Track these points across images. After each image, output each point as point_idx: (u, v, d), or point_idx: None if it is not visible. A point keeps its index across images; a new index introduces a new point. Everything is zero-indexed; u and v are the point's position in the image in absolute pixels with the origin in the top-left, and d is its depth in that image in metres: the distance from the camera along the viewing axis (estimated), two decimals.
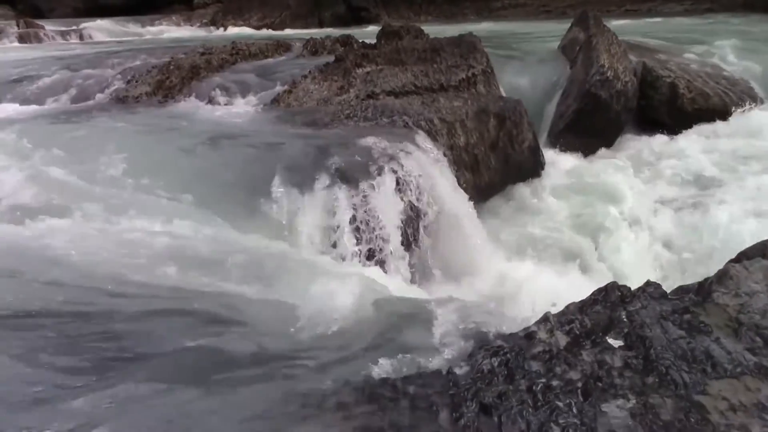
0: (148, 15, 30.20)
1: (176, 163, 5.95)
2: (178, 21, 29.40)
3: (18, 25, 22.14)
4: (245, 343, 3.26)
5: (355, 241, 5.39)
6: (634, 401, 2.35)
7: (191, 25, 28.51)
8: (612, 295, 3.00)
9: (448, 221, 5.94)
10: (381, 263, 5.45)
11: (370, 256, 5.43)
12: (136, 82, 9.12)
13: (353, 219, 5.40)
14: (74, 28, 22.65)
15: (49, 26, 22.52)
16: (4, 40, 18.76)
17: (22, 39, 19.37)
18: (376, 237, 5.47)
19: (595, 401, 2.36)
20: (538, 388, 2.45)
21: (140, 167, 5.74)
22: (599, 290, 3.07)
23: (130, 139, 6.44)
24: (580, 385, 2.45)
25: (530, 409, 2.37)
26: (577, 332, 2.78)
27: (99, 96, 9.11)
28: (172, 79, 9.01)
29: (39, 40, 19.82)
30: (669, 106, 9.57)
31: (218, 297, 3.77)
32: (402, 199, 5.69)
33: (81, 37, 21.48)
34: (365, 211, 5.47)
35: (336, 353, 3.15)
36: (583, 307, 2.98)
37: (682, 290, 2.98)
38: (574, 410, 2.33)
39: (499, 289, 5.83)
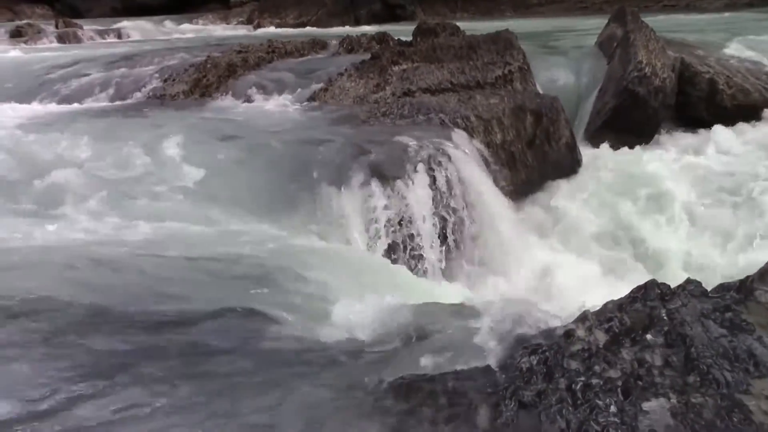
0: (185, 14, 30.42)
1: (213, 160, 5.99)
2: (214, 20, 29.59)
3: (57, 25, 22.35)
4: (282, 341, 3.28)
5: (391, 237, 5.40)
6: (675, 400, 2.32)
7: (228, 24, 28.67)
8: (651, 293, 2.96)
9: (484, 218, 5.93)
10: (417, 260, 5.45)
11: (406, 252, 5.44)
12: (174, 80, 9.18)
13: (389, 216, 5.41)
14: (112, 27, 22.80)
15: (87, 26, 22.70)
16: (43, 40, 18.93)
17: (60, 39, 19.52)
18: (412, 234, 5.47)
19: (636, 400, 2.34)
20: (578, 386, 2.43)
21: (177, 165, 5.79)
22: (638, 288, 3.04)
23: (168, 138, 6.48)
24: (620, 383, 2.42)
25: (570, 408, 2.35)
26: (617, 330, 2.75)
27: (137, 95, 9.19)
28: (209, 77, 9.07)
29: (77, 39, 19.96)
30: (708, 102, 9.47)
31: (255, 294, 3.78)
32: (438, 196, 5.68)
33: (119, 37, 21.61)
34: (401, 208, 5.47)
35: (373, 351, 3.15)
36: (622, 305, 2.95)
37: (723, 288, 2.94)
38: (614, 409, 2.31)
39: (536, 287, 5.82)
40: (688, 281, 3.00)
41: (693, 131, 9.28)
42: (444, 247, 5.64)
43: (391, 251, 5.39)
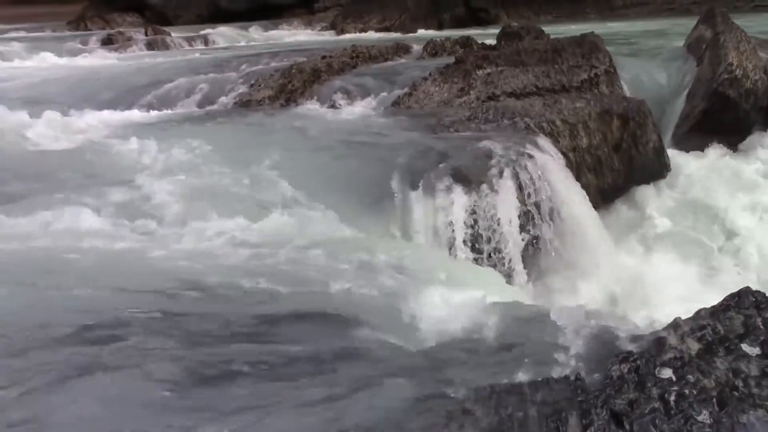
0: (269, 20, 30.76)
1: (297, 165, 6.04)
2: (298, 25, 29.85)
3: (146, 33, 22.86)
4: (365, 346, 3.28)
5: (474, 243, 5.38)
6: None
7: (312, 30, 28.88)
8: (746, 301, 2.89)
9: (569, 224, 5.86)
10: (501, 266, 5.41)
11: (490, 258, 5.40)
12: (259, 86, 9.29)
13: (473, 221, 5.39)
14: (199, 34, 23.20)
15: (175, 33, 23.13)
16: (133, 48, 19.37)
17: (150, 46, 19.93)
18: (496, 240, 5.44)
19: (732, 411, 2.28)
20: (671, 396, 2.38)
21: (262, 169, 5.86)
22: (732, 295, 2.97)
23: (255, 142, 6.58)
24: (714, 394, 2.37)
25: (663, 418, 2.30)
26: (710, 339, 2.69)
27: (223, 100, 9.33)
28: (294, 82, 9.16)
29: (166, 46, 20.35)
30: None
31: (336, 298, 3.80)
32: (522, 202, 5.64)
33: (205, 43, 21.93)
34: (485, 214, 5.44)
35: (459, 359, 3.13)
36: (715, 312, 2.88)
37: None
38: (710, 420, 2.26)
39: (623, 293, 5.73)
40: None
41: None
42: (529, 252, 5.59)
43: (474, 256, 5.36)
